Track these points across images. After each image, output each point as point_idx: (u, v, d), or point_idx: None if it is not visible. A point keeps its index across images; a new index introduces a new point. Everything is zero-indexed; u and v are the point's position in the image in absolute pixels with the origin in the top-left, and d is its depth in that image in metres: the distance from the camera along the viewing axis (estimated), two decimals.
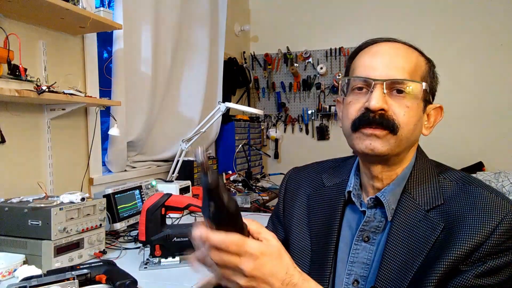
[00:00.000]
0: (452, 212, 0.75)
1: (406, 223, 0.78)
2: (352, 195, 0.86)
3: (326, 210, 0.89)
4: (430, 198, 0.79)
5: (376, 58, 0.80)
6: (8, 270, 1.21)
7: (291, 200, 0.98)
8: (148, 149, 2.46)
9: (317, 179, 0.95)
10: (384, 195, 0.80)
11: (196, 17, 2.85)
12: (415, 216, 0.78)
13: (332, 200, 0.89)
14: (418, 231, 0.76)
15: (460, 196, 0.77)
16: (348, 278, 0.82)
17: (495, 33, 3.44)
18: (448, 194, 0.78)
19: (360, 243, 0.82)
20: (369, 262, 0.81)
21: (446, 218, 0.75)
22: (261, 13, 4.10)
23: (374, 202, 0.82)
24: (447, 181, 0.81)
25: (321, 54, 3.89)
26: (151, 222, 1.29)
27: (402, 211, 0.79)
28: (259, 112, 2.32)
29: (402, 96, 0.77)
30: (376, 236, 0.81)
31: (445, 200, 0.77)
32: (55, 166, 1.75)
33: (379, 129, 0.76)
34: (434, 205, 0.78)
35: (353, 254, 0.82)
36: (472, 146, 3.45)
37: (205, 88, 2.89)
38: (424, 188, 0.80)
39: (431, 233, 0.75)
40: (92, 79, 1.94)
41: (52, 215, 1.25)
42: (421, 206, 0.78)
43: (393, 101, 0.77)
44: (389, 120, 0.76)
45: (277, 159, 4.04)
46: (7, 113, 1.56)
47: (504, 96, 3.43)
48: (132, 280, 1.07)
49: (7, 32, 1.44)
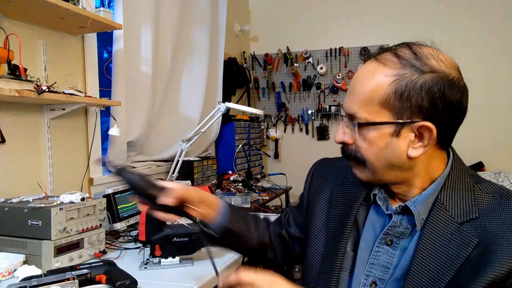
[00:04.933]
0: (487, 228, 0.73)
1: (437, 235, 0.75)
2: (378, 197, 0.84)
3: (345, 206, 0.88)
4: (464, 211, 0.76)
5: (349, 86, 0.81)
6: (8, 270, 1.21)
7: (315, 192, 0.97)
8: (148, 149, 2.46)
9: (344, 173, 0.93)
10: (415, 205, 0.78)
11: (196, 17, 2.85)
12: (447, 228, 0.75)
13: (352, 196, 0.88)
14: (450, 244, 0.74)
15: (497, 211, 0.74)
16: (366, 279, 0.81)
17: (495, 33, 3.44)
18: (483, 208, 0.75)
19: (383, 246, 0.81)
20: (389, 266, 0.80)
21: (480, 234, 0.73)
22: (261, 13, 4.10)
23: (402, 209, 0.80)
24: (483, 194, 0.77)
25: (321, 54, 3.89)
26: (151, 222, 1.29)
27: (434, 222, 0.76)
28: (259, 112, 2.32)
29: (360, 128, 0.76)
30: (400, 241, 0.80)
31: (480, 214, 0.75)
32: (55, 166, 1.75)
33: (350, 160, 0.81)
34: (468, 218, 0.75)
35: (374, 256, 0.81)
36: (472, 146, 3.45)
37: (205, 88, 2.88)
38: (458, 200, 0.77)
39: (464, 248, 0.72)
40: (92, 79, 1.94)
41: (52, 215, 1.25)
42: (454, 218, 0.75)
43: (356, 133, 0.77)
44: (350, 154, 0.79)
45: (277, 159, 4.04)
46: (7, 113, 1.56)
47: (504, 96, 3.43)
48: (132, 280, 1.07)
49: (7, 32, 1.44)
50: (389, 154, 0.76)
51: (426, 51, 0.75)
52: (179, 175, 2.36)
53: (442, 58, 0.74)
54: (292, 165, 3.90)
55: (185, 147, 2.32)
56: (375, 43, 3.68)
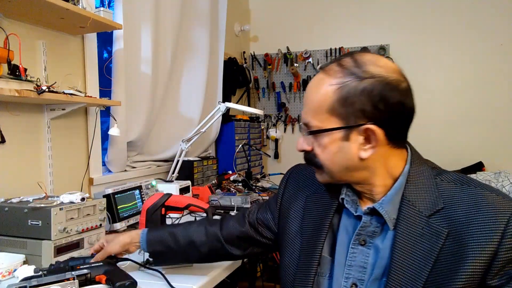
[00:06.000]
0: (455, 217, 0.75)
1: (409, 232, 0.77)
2: (346, 201, 0.87)
3: (319, 214, 0.91)
4: (430, 203, 0.78)
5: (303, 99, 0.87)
6: (8, 270, 1.21)
7: (289, 199, 1.01)
8: (148, 149, 2.46)
9: (316, 182, 0.95)
10: (382, 206, 0.81)
11: (196, 17, 2.85)
12: (417, 223, 0.77)
13: (326, 203, 0.91)
14: (422, 239, 0.76)
15: (461, 199, 0.76)
16: (346, 281, 0.82)
17: (495, 33, 3.44)
18: (447, 197, 0.78)
19: (357, 247, 0.83)
20: (366, 265, 0.81)
21: (449, 224, 0.75)
22: (261, 13, 4.09)
23: (371, 210, 0.82)
24: (445, 183, 0.80)
25: (321, 54, 3.89)
26: (151, 222, 1.29)
27: (404, 220, 0.79)
28: (259, 112, 2.32)
29: (315, 136, 0.82)
30: (373, 240, 0.82)
31: (445, 204, 0.77)
32: (55, 166, 1.75)
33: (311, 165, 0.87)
34: (435, 210, 0.77)
35: (351, 258, 0.83)
36: (472, 146, 3.45)
37: (205, 88, 2.88)
38: (422, 193, 0.80)
39: (436, 240, 0.75)
40: (92, 79, 1.94)
41: (52, 215, 1.25)
42: (422, 212, 0.78)
43: (312, 140, 0.84)
44: (310, 159, 0.85)
45: (277, 159, 4.04)
46: (7, 113, 1.56)
47: (504, 96, 3.43)
48: (132, 281, 1.07)
49: (7, 32, 1.44)
50: (342, 157, 0.81)
51: (366, 58, 0.79)
52: (179, 175, 2.36)
53: (381, 63, 0.78)
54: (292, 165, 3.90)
55: (185, 147, 2.32)
56: (375, 43, 3.68)
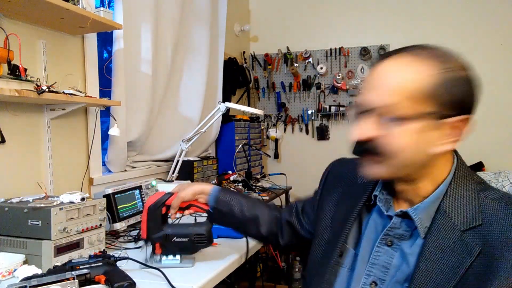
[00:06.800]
0: (491, 236, 0.72)
1: (440, 243, 0.75)
2: (379, 199, 0.85)
3: (349, 205, 0.90)
4: (467, 218, 0.75)
5: (368, 82, 0.79)
6: (8, 270, 1.21)
7: (327, 192, 1.00)
8: (148, 149, 2.46)
9: (354, 176, 0.94)
10: (416, 212, 0.78)
11: (196, 17, 2.85)
12: (450, 236, 0.75)
13: (357, 196, 0.90)
14: (453, 252, 0.73)
15: (502, 219, 0.73)
16: (366, 278, 0.82)
17: (495, 33, 3.44)
18: (487, 215, 0.74)
19: (383, 247, 0.82)
20: (389, 266, 0.80)
21: (484, 242, 0.72)
22: (261, 13, 4.10)
23: (403, 213, 0.80)
24: (488, 200, 0.76)
25: (321, 54, 3.89)
26: (152, 221, 1.29)
27: (437, 231, 0.76)
28: (259, 112, 2.32)
29: (391, 121, 0.74)
30: (400, 242, 0.80)
31: (484, 221, 0.73)
32: (55, 166, 1.75)
33: (370, 155, 0.78)
34: (471, 225, 0.74)
35: (375, 256, 0.82)
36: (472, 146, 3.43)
37: (205, 88, 2.88)
38: (461, 207, 0.76)
39: (466, 256, 0.72)
40: (92, 79, 1.94)
41: (52, 215, 1.25)
42: (457, 226, 0.75)
43: (382, 127, 0.75)
44: (374, 149, 0.76)
45: (277, 159, 4.04)
46: (7, 113, 1.56)
47: (504, 96, 3.43)
48: (131, 282, 1.07)
49: (7, 32, 1.44)
50: (415, 148, 0.74)
51: (451, 51, 0.78)
52: (179, 175, 2.36)
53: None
54: (292, 165, 3.91)
55: (185, 147, 2.32)
56: (375, 43, 3.68)
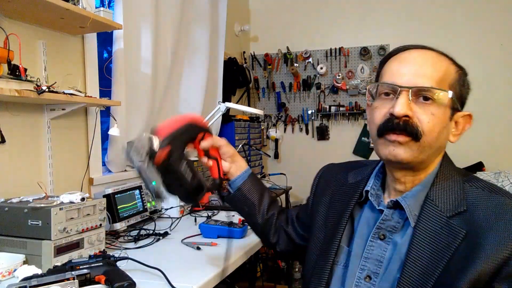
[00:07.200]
0: (475, 221, 0.75)
1: (428, 230, 0.78)
2: (370, 194, 0.88)
3: (342, 205, 0.93)
4: (453, 205, 0.79)
5: (405, 65, 0.81)
6: (8, 270, 1.21)
7: (319, 196, 1.03)
8: None
9: (344, 177, 0.98)
10: (405, 199, 0.82)
11: (196, 17, 2.85)
12: (437, 223, 0.78)
13: (348, 196, 0.93)
14: (440, 238, 0.77)
15: (485, 204, 0.76)
16: (361, 273, 0.84)
17: (495, 33, 3.44)
18: (471, 201, 0.78)
19: (376, 240, 0.84)
20: (383, 259, 0.82)
21: (468, 226, 0.75)
22: (261, 13, 4.10)
23: (393, 204, 0.83)
24: (473, 189, 0.80)
25: (321, 54, 3.89)
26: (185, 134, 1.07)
27: (425, 218, 0.79)
28: (259, 112, 2.32)
29: (428, 103, 0.78)
30: (392, 235, 0.83)
31: (468, 207, 0.77)
32: (55, 166, 1.75)
33: (403, 135, 0.78)
34: (457, 211, 0.77)
35: (368, 250, 0.84)
36: (472, 146, 3.45)
37: (205, 88, 2.89)
38: (447, 195, 0.80)
39: (452, 240, 0.75)
40: (92, 79, 1.94)
41: (52, 215, 1.25)
42: (443, 212, 0.78)
43: (419, 108, 0.78)
44: (412, 126, 0.78)
45: (277, 159, 4.04)
46: (7, 113, 1.56)
47: (504, 96, 3.43)
48: (130, 282, 1.07)
49: (7, 32, 1.44)
50: (443, 134, 0.81)
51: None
52: None
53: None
54: (292, 165, 3.91)
55: None
56: (375, 43, 3.68)
